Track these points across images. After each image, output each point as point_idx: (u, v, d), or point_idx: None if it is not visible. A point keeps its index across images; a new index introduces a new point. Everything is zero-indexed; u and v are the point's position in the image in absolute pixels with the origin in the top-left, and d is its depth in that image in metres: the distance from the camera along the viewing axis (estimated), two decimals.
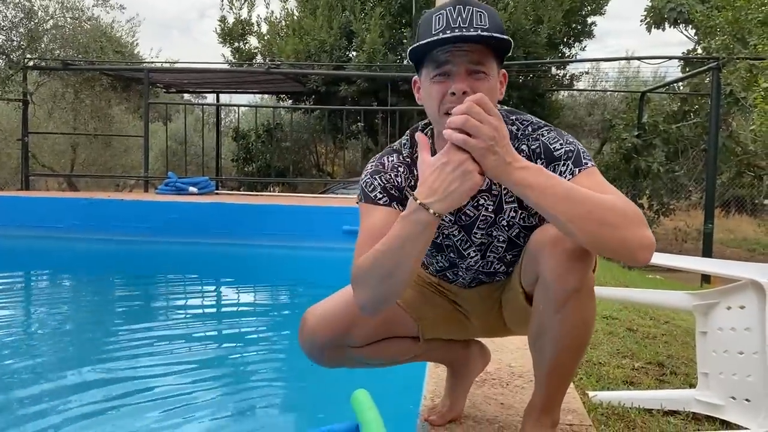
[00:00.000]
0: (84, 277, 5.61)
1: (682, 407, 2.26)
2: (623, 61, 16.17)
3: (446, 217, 1.42)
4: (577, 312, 1.29)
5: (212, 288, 5.49)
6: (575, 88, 13.99)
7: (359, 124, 12.00)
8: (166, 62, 13.40)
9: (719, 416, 2.16)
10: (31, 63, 10.11)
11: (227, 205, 7.10)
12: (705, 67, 8.27)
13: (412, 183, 1.40)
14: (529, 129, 1.37)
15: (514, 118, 1.40)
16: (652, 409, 2.23)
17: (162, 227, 6.81)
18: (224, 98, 14.77)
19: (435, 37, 1.23)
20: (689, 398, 2.28)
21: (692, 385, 2.42)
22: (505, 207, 1.40)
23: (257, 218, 6.74)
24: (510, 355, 2.13)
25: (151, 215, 6.92)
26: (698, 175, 10.27)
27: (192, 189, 8.00)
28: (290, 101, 14.52)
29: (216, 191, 8.87)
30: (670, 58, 9.93)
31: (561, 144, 1.32)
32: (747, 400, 2.06)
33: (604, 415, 2.10)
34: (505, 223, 1.41)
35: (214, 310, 4.73)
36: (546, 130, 1.36)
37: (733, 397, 2.11)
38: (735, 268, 2.19)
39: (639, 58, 10.04)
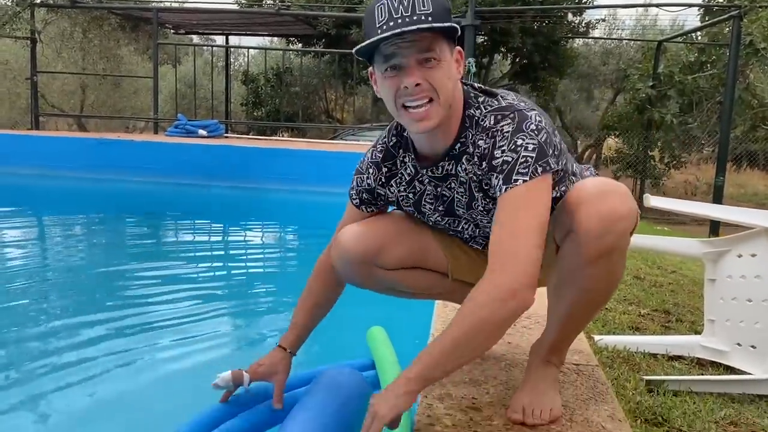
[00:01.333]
0: (93, 216, 5.66)
1: (687, 353, 2.29)
2: (641, 9, 15.79)
3: (427, 204, 1.43)
4: (606, 270, 1.28)
5: (221, 229, 5.53)
6: (591, 36, 13.69)
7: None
8: (175, 2, 13.17)
9: (724, 362, 2.19)
10: (38, 0, 9.94)
11: (238, 147, 7.09)
12: (725, 16, 8.04)
13: (382, 180, 1.43)
14: (491, 120, 1.26)
15: (481, 100, 1.29)
16: (657, 354, 2.27)
17: (172, 169, 6.82)
18: (233, 40, 14.56)
19: (377, 36, 1.18)
20: (694, 344, 2.30)
21: (698, 333, 2.44)
22: (476, 195, 1.35)
23: (267, 161, 6.74)
24: None
25: (161, 156, 6.92)
26: (712, 128, 10.12)
27: (201, 132, 7.97)
28: (300, 45, 14.30)
29: (225, 135, 8.83)
30: (690, 5, 9.68)
31: (506, 148, 1.22)
32: (753, 346, 2.08)
33: (609, 358, 2.14)
34: (482, 208, 1.37)
35: (222, 250, 4.77)
36: (507, 124, 1.23)
37: (739, 344, 2.13)
38: (747, 216, 2.18)
39: (658, 5, 9.79)
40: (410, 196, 1.44)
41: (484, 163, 1.26)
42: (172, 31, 12.85)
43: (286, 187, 6.55)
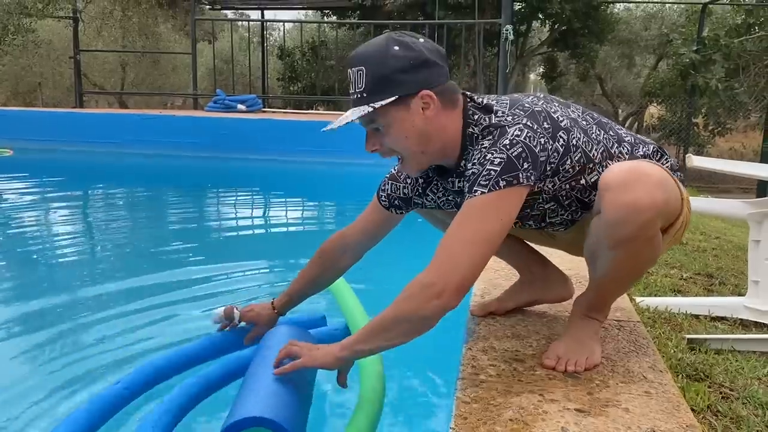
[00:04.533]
0: (136, 191, 5.81)
1: (730, 314, 2.29)
2: None
3: None
4: (630, 255, 1.30)
5: (261, 201, 5.63)
6: (632, 0, 13.32)
7: None
8: None
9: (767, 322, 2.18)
10: None
11: (277, 121, 7.17)
12: None
13: (419, 191, 1.51)
14: (479, 138, 1.31)
15: (476, 118, 1.33)
16: (699, 315, 2.26)
17: (213, 143, 6.95)
18: (269, 15, 14.60)
19: (328, 128, 1.37)
20: (738, 305, 2.29)
21: (741, 295, 2.43)
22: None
23: (306, 134, 6.80)
24: (558, 259, 2.16)
25: (202, 131, 7.04)
26: (759, 93, 9.82)
27: (240, 107, 8.06)
28: (335, 17, 14.27)
29: (263, 109, 8.92)
30: None
31: (476, 161, 1.26)
32: None
33: (651, 318, 2.15)
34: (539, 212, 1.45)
35: (262, 222, 4.87)
36: (487, 140, 1.28)
37: None
38: None
39: None
40: (449, 198, 1.50)
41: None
42: (208, 6, 12.96)
43: (325, 159, 6.62)
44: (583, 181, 1.35)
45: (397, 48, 1.27)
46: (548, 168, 1.30)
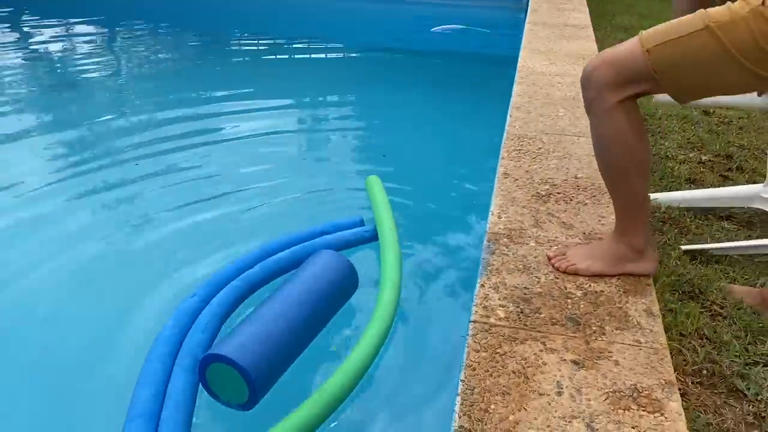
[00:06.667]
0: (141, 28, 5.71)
1: (745, 204, 2.33)
2: None
3: None
4: (592, 128, 1.50)
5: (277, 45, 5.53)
6: None
7: None
8: None
9: None
10: None
11: None
12: None
13: None
14: None
15: None
16: (709, 215, 2.34)
17: None
18: None
19: None
20: (754, 194, 2.30)
21: (756, 182, 2.48)
22: None
23: None
24: (577, 163, 2.22)
25: None
26: None
27: None
28: None
29: None
30: None
31: None
32: None
33: (661, 221, 2.26)
34: None
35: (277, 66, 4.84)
36: None
37: None
38: None
39: None
40: None
41: None
42: None
43: None
44: None
45: None
46: None
